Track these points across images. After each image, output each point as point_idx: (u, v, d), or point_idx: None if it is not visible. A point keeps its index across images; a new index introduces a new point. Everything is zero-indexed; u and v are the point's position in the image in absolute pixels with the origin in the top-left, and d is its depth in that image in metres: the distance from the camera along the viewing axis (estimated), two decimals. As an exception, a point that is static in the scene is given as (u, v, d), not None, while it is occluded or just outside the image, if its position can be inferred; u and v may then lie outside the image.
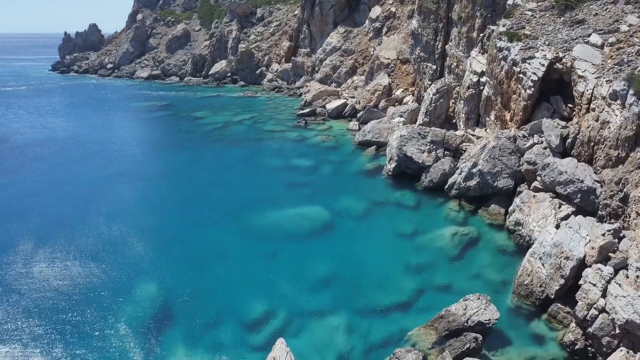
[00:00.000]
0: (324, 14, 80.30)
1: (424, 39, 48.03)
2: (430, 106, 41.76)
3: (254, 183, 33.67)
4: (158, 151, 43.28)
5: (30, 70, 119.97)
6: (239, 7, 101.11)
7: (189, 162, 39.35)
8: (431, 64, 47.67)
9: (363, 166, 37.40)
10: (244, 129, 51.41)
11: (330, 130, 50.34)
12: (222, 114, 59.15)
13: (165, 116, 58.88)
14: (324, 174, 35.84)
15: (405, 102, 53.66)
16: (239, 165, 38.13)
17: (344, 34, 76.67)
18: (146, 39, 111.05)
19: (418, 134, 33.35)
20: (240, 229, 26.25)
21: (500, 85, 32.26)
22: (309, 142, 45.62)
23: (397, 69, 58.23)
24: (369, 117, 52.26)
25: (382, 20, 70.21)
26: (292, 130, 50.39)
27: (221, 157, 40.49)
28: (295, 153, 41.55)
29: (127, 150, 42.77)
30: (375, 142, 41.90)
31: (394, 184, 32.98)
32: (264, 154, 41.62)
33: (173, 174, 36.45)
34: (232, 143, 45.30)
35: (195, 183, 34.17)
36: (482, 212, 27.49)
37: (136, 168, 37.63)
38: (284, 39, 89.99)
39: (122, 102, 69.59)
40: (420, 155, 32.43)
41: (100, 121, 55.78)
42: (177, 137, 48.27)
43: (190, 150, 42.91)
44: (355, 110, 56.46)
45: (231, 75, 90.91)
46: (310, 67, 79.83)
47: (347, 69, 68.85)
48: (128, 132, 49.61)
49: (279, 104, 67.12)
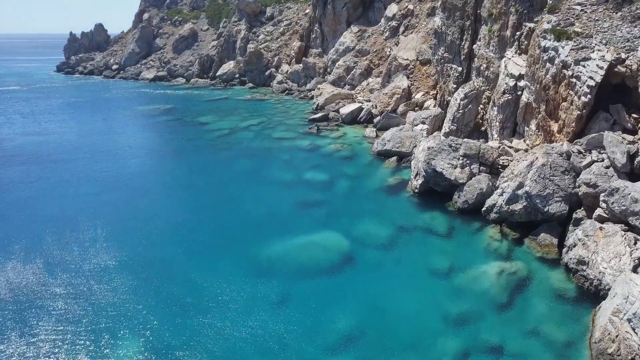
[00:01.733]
0: (336, 13, 76.23)
1: (449, 38, 43.71)
2: (458, 112, 37.46)
3: (261, 202, 29.63)
4: (155, 162, 39.41)
5: (34, 71, 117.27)
6: (248, 6, 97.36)
7: (190, 176, 35.43)
8: (456, 65, 43.34)
9: (384, 181, 33.21)
10: (252, 136, 47.44)
11: (345, 138, 46.20)
12: (229, 119, 55.28)
13: (168, 121, 55.13)
14: (339, 191, 31.72)
15: (426, 107, 49.38)
16: (244, 180, 34.14)
17: (357, 33, 72.52)
18: (152, 39, 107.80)
19: (449, 146, 29.09)
20: (243, 264, 22.18)
21: (544, 90, 27.92)
22: (322, 151, 41.52)
23: (416, 71, 53.95)
24: (387, 122, 48.08)
25: (399, 18, 65.94)
26: (303, 138, 46.35)
27: (226, 170, 36.54)
28: (307, 164, 37.49)
29: (121, 161, 38.94)
30: (397, 153, 37.66)
31: (422, 204, 28.76)
32: (272, 165, 37.61)
33: (170, 191, 32.51)
34: (238, 153, 41.34)
35: (195, 202, 30.23)
36: (529, 242, 23.18)
37: (129, 183, 33.76)
38: (294, 39, 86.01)
39: (124, 106, 66.03)
40: (451, 171, 28.17)
41: (97, 127, 52.10)
42: (179, 145, 44.41)
43: (192, 162, 39.02)
44: (371, 115, 52.29)
45: (239, 76, 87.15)
46: (322, 69, 75.77)
47: (361, 71, 64.67)
48: (125, 140, 45.81)
49: (289, 108, 63.13)
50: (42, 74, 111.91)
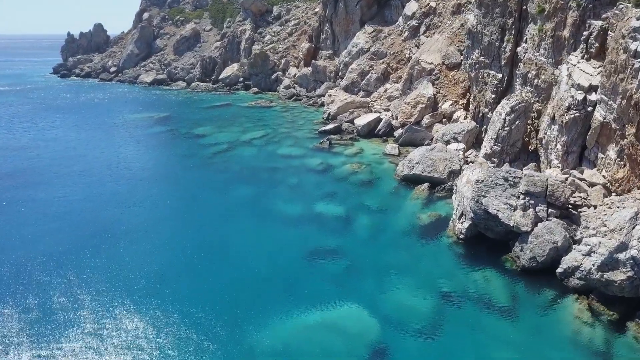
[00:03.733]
0: (349, 11, 69.58)
1: (485, 39, 36.89)
2: (503, 130, 30.61)
3: (260, 249, 23.03)
4: (138, 188, 32.84)
5: (30, 73, 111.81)
6: (254, 5, 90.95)
7: (175, 208, 28.90)
8: (495, 71, 36.51)
9: (416, 218, 26.42)
10: (254, 152, 40.85)
11: (362, 155, 39.48)
12: (229, 131, 48.77)
13: (160, 134, 48.71)
14: (360, 233, 25.00)
15: (455, 118, 42.56)
16: (241, 214, 27.53)
17: (372, 33, 65.81)
18: (153, 39, 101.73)
19: (504, 179, 22.30)
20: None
21: (635, 108, 21.09)
22: (336, 173, 34.85)
23: (442, 77, 47.13)
24: (410, 137, 41.36)
25: (420, 17, 59.14)
26: (313, 155, 39.70)
27: (220, 199, 29.98)
28: (318, 192, 30.83)
29: (91, 188, 32.19)
30: (428, 179, 30.84)
31: (470, 256, 22.00)
32: (276, 193, 31.00)
33: (146, 232, 25.88)
34: (236, 175, 34.75)
35: (176, 252, 23.51)
36: (636, 328, 16.39)
37: (93, 221, 27.21)
38: (302, 40, 79.44)
39: (114, 113, 59.72)
40: (509, 214, 21.40)
41: (75, 141, 45.57)
42: (167, 166, 37.92)
43: (180, 189, 32.49)
44: (391, 127, 45.56)
45: (243, 80, 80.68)
46: (333, 72, 69.14)
47: (377, 75, 57.92)
48: (104, 159, 39.19)
49: (296, 117, 56.55)
50: (37, 76, 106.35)
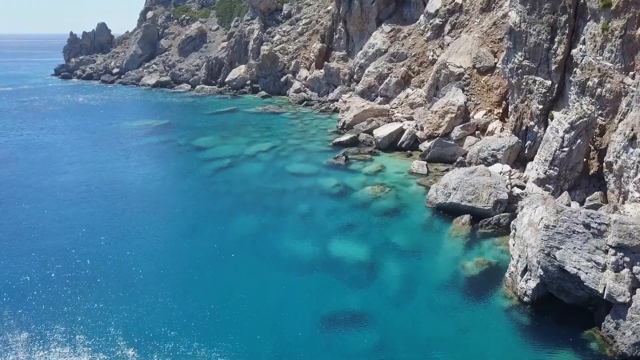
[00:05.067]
0: (364, 9, 64.32)
1: (531, 40, 31.43)
2: (562, 151, 25.17)
3: (260, 316, 17.84)
4: (118, 216, 27.63)
5: (31, 74, 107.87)
6: (262, 3, 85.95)
7: (160, 245, 23.79)
8: (543, 77, 31.05)
9: (459, 266, 21.07)
10: (260, 170, 35.73)
11: (384, 174, 34.20)
12: (233, 142, 43.72)
13: (156, 145, 43.76)
14: (388, 288, 19.66)
15: (490, 131, 37.15)
16: (240, 257, 22.38)
17: (390, 33, 60.47)
18: (157, 39, 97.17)
19: (584, 225, 16.92)
20: None
21: None
22: (354, 198, 29.60)
23: (473, 82, 41.70)
24: (440, 152, 36.03)
25: (444, 15, 53.69)
26: (327, 173, 34.51)
27: (216, 235, 24.85)
28: (334, 225, 25.60)
29: (67, 211, 27.48)
30: (469, 210, 25.40)
31: (540, 330, 16.64)
32: (283, 226, 25.81)
33: (119, 280, 20.85)
34: (238, 200, 29.63)
35: (159, 305, 18.57)
36: None
37: (65, 264, 22.28)
38: (314, 40, 74.32)
39: (110, 120, 55.00)
40: (596, 275, 16.04)
41: (61, 152, 40.73)
42: (159, 186, 32.88)
43: (170, 216, 27.39)
44: (415, 139, 40.21)
45: (251, 83, 75.77)
46: (347, 75, 63.93)
47: (397, 79, 52.61)
48: (90, 176, 34.22)
49: (308, 125, 51.42)
50: (38, 77, 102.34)
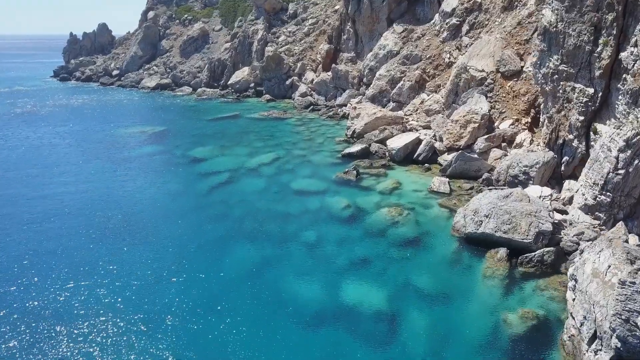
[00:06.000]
0: (374, 8, 60.57)
1: (570, 42, 27.58)
2: (616, 174, 21.33)
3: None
4: (96, 247, 24.18)
5: (30, 76, 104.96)
6: (267, 2, 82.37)
7: (145, 286, 20.17)
8: (584, 84, 27.20)
9: (500, 320, 17.23)
10: (261, 187, 32.05)
11: (401, 193, 30.43)
12: (234, 153, 40.15)
13: (149, 156, 40.18)
14: (412, 345, 15.92)
15: (518, 143, 33.31)
16: (235, 302, 18.70)
17: (402, 34, 56.69)
18: (158, 40, 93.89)
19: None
20: None
21: None
22: (368, 223, 25.84)
23: (497, 87, 37.86)
24: (463, 167, 32.24)
25: (462, 14, 49.84)
26: (336, 191, 30.80)
27: (209, 271, 21.20)
28: (345, 260, 21.87)
29: (37, 244, 24.05)
30: (505, 242, 21.61)
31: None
32: (286, 259, 22.12)
33: (95, 332, 17.29)
34: (235, 226, 25.93)
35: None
36: None
37: (24, 306, 18.74)
38: (321, 41, 70.63)
39: (104, 126, 51.58)
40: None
41: (44, 164, 37.19)
42: (148, 208, 29.15)
43: (157, 247, 23.72)
44: (434, 150, 36.42)
45: (255, 86, 72.18)
46: (356, 78, 60.18)
47: (411, 83, 48.81)
48: (70, 194, 30.55)
49: (314, 132, 47.77)
50: (36, 79, 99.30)
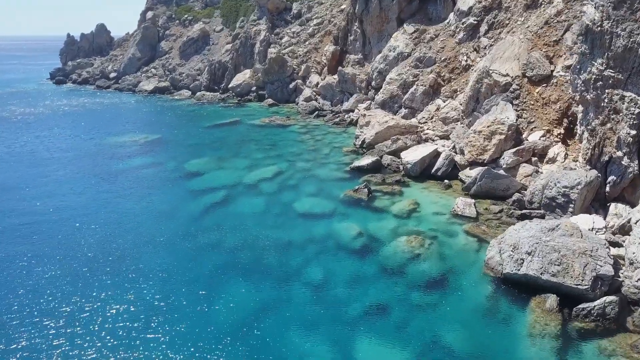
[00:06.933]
0: (383, 7, 56.86)
1: (619, 43, 23.78)
2: (691, 205, 17.50)
3: None
4: (56, 285, 20.59)
5: (25, 78, 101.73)
6: (270, 1, 78.85)
7: (116, 343, 16.53)
8: (635, 93, 23.40)
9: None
10: (260, 208, 28.28)
11: (420, 215, 26.61)
12: (232, 166, 36.50)
13: (139, 170, 36.47)
14: None
15: (551, 157, 29.48)
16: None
17: (414, 34, 52.95)
18: (157, 41, 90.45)
19: None
20: None
21: None
22: (384, 257, 22.00)
23: (524, 94, 34.04)
24: (489, 186, 28.41)
25: (479, 13, 46.02)
26: (344, 213, 27.00)
27: (198, 319, 17.49)
28: (358, 307, 18.04)
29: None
30: (554, 287, 17.77)
31: None
32: (288, 305, 18.35)
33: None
34: (230, 260, 22.17)
35: None
36: None
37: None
38: (326, 42, 66.97)
39: (94, 134, 48.04)
40: None
41: (24, 177, 33.70)
42: (132, 234, 25.39)
43: (134, 286, 20.07)
44: (454, 164, 32.64)
45: (257, 89, 68.58)
46: (364, 82, 56.44)
47: (425, 88, 45.03)
48: (43, 215, 27.04)
49: (319, 141, 44.05)
50: (32, 81, 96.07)
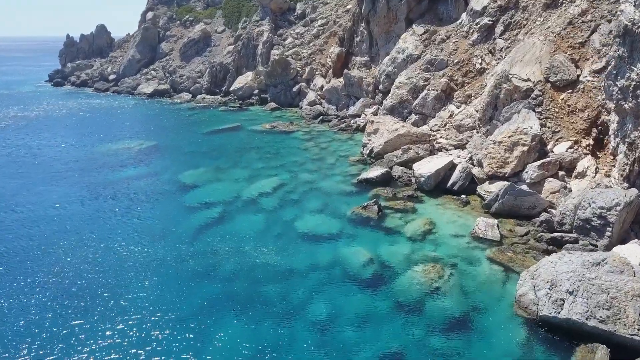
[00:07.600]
0: (391, 7, 54.14)
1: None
2: None
3: None
4: (25, 320, 18.05)
5: (23, 80, 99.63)
6: (273, 2, 76.27)
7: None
8: (683, 103, 20.63)
9: None
10: (259, 228, 25.64)
11: (436, 238, 23.90)
12: (230, 178, 33.94)
13: (131, 181, 33.95)
14: None
15: (581, 172, 26.69)
16: None
17: (424, 35, 50.22)
18: (158, 43, 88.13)
19: None
20: None
21: None
22: (397, 290, 19.28)
23: (547, 101, 31.28)
24: (512, 202, 25.66)
25: (494, 13, 43.26)
26: (352, 235, 24.31)
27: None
28: (370, 352, 15.43)
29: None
30: (603, 336, 15.07)
31: None
32: (289, 349, 15.75)
33: None
34: (223, 293, 19.49)
35: None
36: None
37: None
38: (331, 43, 64.32)
39: (86, 140, 45.58)
40: None
41: (6, 187, 31.46)
42: (114, 261, 22.79)
43: (114, 323, 17.52)
44: (472, 177, 29.89)
45: (259, 92, 66.07)
46: (370, 85, 53.76)
47: (437, 93, 42.31)
48: (25, 230, 24.59)
49: (324, 149, 41.42)
50: (29, 83, 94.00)
